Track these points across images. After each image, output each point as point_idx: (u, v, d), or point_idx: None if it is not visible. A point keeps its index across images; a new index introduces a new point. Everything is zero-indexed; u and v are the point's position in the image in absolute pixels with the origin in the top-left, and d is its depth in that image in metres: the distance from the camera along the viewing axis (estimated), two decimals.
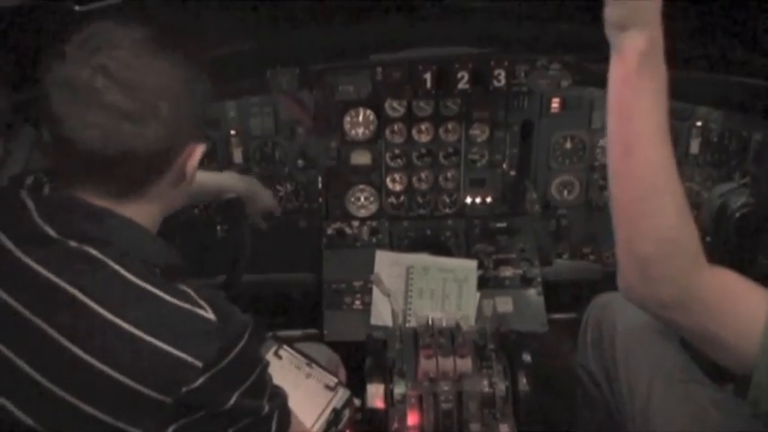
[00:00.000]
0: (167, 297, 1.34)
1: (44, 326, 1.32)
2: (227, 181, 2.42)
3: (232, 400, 1.36)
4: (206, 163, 2.59)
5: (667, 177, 1.31)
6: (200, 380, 1.30)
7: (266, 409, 1.44)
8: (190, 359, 1.30)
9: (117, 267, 1.34)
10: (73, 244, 1.35)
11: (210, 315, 1.34)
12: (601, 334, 2.04)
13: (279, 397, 1.51)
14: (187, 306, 1.34)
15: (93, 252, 1.34)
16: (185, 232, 2.71)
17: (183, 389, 1.30)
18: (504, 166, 2.87)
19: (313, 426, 1.89)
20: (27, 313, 1.32)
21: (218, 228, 2.75)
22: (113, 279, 1.33)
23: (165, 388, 1.29)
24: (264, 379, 1.46)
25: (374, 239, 2.86)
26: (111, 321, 1.30)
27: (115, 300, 1.32)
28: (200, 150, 1.42)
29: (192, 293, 1.36)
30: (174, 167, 1.39)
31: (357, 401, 2.09)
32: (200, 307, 1.34)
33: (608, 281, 2.83)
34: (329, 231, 2.86)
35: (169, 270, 1.40)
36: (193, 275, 1.44)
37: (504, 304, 2.63)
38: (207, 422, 1.35)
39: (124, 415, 1.30)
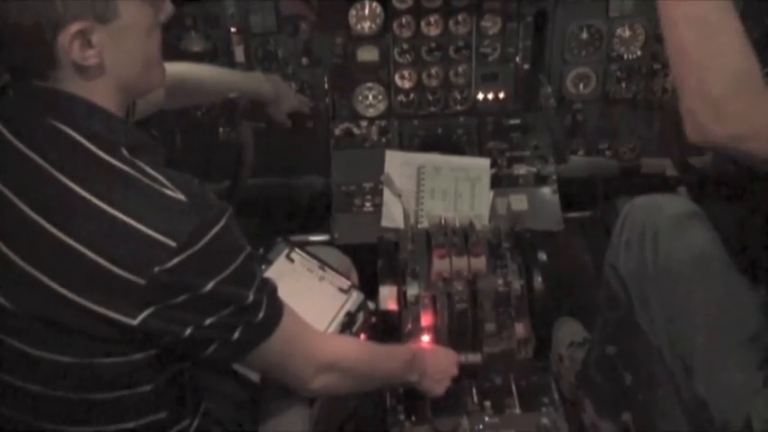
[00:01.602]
0: (135, 173, 1.32)
1: (12, 197, 1.32)
2: (248, 80, 2.41)
3: (209, 286, 1.34)
4: (207, 62, 2.58)
5: (724, 15, 1.42)
6: (174, 260, 1.29)
7: (251, 298, 1.42)
8: (161, 238, 1.28)
9: (82, 140, 1.33)
10: (35, 117, 1.34)
11: (180, 196, 1.32)
12: (641, 233, 2.04)
13: (267, 288, 1.49)
14: (155, 186, 1.32)
15: (58, 124, 1.34)
16: (186, 136, 2.71)
17: (156, 269, 1.28)
18: (517, 59, 2.80)
19: (326, 329, 1.90)
20: None
21: (221, 130, 2.72)
22: (79, 152, 1.32)
23: (136, 268, 1.28)
24: (249, 269, 1.43)
25: (383, 139, 2.82)
26: (79, 194, 1.30)
27: (81, 172, 1.31)
28: (73, 28, 1.30)
29: (161, 175, 1.34)
30: (59, 47, 1.31)
31: (371, 305, 2.09)
32: (169, 188, 1.33)
33: (625, 178, 2.88)
34: (337, 132, 2.82)
35: (137, 150, 1.37)
36: (201, 180, 1.42)
37: (519, 202, 2.61)
38: (185, 308, 1.34)
39: (97, 296, 1.30)
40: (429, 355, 2.04)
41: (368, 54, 2.77)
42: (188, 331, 1.36)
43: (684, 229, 1.99)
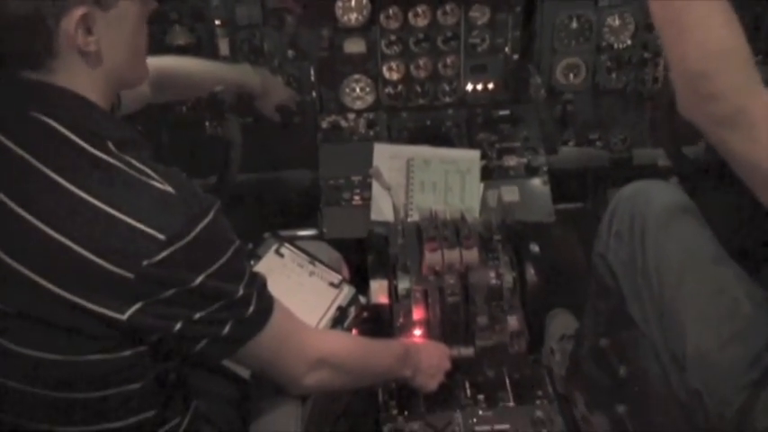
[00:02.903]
0: (122, 167, 1.32)
1: None
2: (236, 73, 2.40)
3: (198, 280, 1.33)
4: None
5: None
6: (163, 254, 1.28)
7: (241, 292, 1.42)
8: (150, 231, 1.28)
9: (68, 134, 1.32)
10: (21, 110, 1.34)
11: (168, 188, 1.32)
12: (630, 224, 2.03)
13: (257, 282, 1.48)
14: (143, 179, 1.32)
15: (43, 118, 1.33)
16: (173, 131, 2.69)
17: (144, 262, 1.27)
18: (507, 49, 2.80)
19: (318, 324, 1.90)
20: None
21: (207, 124, 2.70)
22: (65, 145, 1.32)
23: (124, 261, 1.27)
24: (238, 263, 1.43)
25: (372, 132, 2.81)
26: (65, 188, 1.29)
27: (67, 166, 1.30)
28: (78, 13, 1.31)
29: (148, 169, 1.33)
30: (62, 33, 1.32)
31: (362, 300, 2.09)
32: (157, 180, 1.32)
33: (616, 168, 2.88)
34: (324, 125, 2.82)
35: (123, 144, 1.36)
36: (188, 175, 1.41)
37: (510, 194, 2.61)
38: (174, 303, 1.33)
39: (84, 291, 1.29)
40: (422, 349, 2.04)
41: (355, 46, 2.76)
42: (177, 326, 1.36)
43: (673, 221, 1.98)
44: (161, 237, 1.28)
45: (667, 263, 1.92)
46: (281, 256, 2.04)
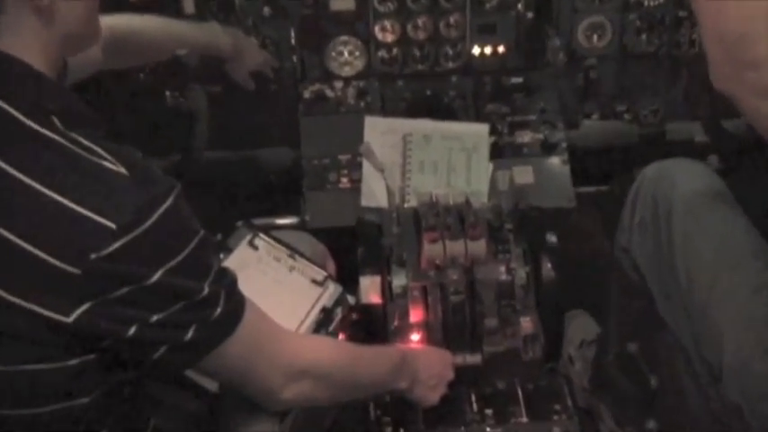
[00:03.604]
0: (68, 145, 1.30)
1: None
2: (203, 34, 2.39)
3: (155, 277, 1.32)
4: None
5: None
6: (114, 245, 1.27)
7: (206, 291, 1.41)
8: (98, 219, 1.27)
9: (6, 107, 1.31)
10: None
11: (122, 169, 1.31)
12: (654, 212, 2.03)
13: (226, 279, 1.48)
14: (93, 159, 1.30)
15: None
16: (128, 103, 2.68)
17: (93, 256, 1.26)
18: (520, 6, 2.80)
19: (298, 328, 1.90)
20: None
21: (168, 95, 2.69)
22: (2, 120, 1.31)
23: (70, 255, 1.26)
24: (203, 256, 1.42)
25: (362, 103, 2.82)
26: (1, 170, 1.27)
27: (4, 144, 1.29)
28: None
29: (98, 147, 1.32)
30: None
31: (351, 299, 2.09)
32: (108, 161, 1.31)
33: (646, 145, 2.88)
34: (307, 95, 2.81)
35: (70, 119, 1.35)
36: (145, 154, 1.41)
37: (523, 175, 2.61)
38: (127, 303, 1.32)
39: (24, 290, 1.28)
40: (421, 357, 2.04)
41: (342, 3, 2.75)
42: (131, 330, 1.34)
43: (703, 208, 1.98)
44: (112, 226, 1.27)
45: (697, 258, 1.92)
46: (256, 248, 2.03)
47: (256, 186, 2.88)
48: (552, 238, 2.27)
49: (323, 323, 1.96)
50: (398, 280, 2.22)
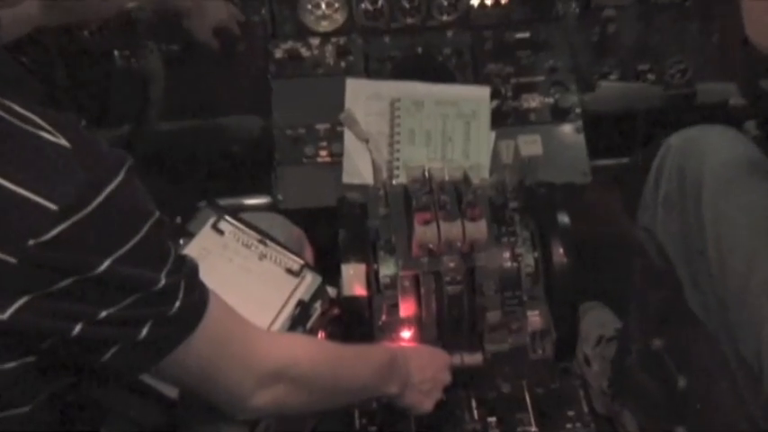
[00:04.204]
0: (1, 113, 1.30)
1: None
2: None
3: (103, 266, 1.31)
4: None
5: None
6: (55, 230, 1.26)
7: (162, 282, 1.40)
8: (37, 199, 1.26)
9: None
10: None
11: (63, 141, 1.30)
12: (681, 186, 2.04)
13: (186, 268, 1.48)
14: (29, 129, 1.30)
15: None
16: (70, 65, 2.67)
17: (31, 242, 1.25)
18: None
19: (271, 325, 1.91)
20: None
21: (117, 54, 2.68)
22: None
23: (4, 242, 1.25)
24: (159, 242, 1.42)
25: (343, 63, 2.82)
26: None
27: None
28: None
29: (35, 116, 1.31)
30: None
31: (331, 291, 2.10)
32: (47, 131, 1.30)
33: (674, 109, 2.88)
34: (278, 55, 2.82)
35: (3, 84, 1.36)
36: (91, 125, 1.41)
37: (530, 146, 2.60)
38: (72, 297, 1.31)
39: None
40: (413, 357, 2.05)
41: None
42: (77, 329, 1.34)
43: (737, 182, 1.98)
44: (52, 207, 1.26)
45: (732, 239, 1.93)
46: (221, 232, 2.04)
47: (221, 161, 2.88)
48: (564, 219, 2.27)
49: (299, 319, 1.97)
50: (386, 268, 2.22)
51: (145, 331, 1.42)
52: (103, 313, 1.36)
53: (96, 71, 2.68)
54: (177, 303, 1.44)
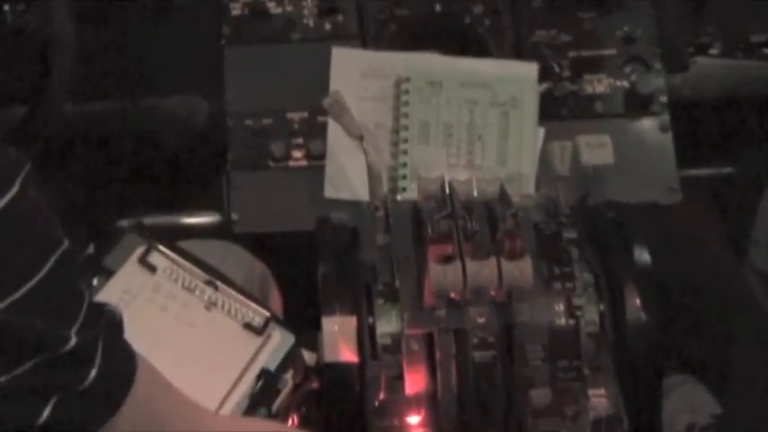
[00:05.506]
0: None
1: None
2: None
3: None
4: None
5: None
6: None
7: (72, 341, 1.40)
8: None
9: None
10: None
11: None
12: None
13: (103, 323, 1.48)
14: None
15: None
16: None
17: None
18: None
19: (221, 406, 1.93)
20: None
21: (8, 9, 2.68)
22: None
23: None
24: (67, 285, 1.43)
25: (327, 25, 2.84)
26: None
27: None
28: None
29: None
30: None
31: (308, 356, 2.11)
32: None
33: None
34: (235, 12, 2.83)
35: None
36: None
37: (596, 150, 2.62)
38: None
39: None
40: None
41: None
42: None
43: None
44: None
45: None
46: (152, 269, 2.05)
47: (152, 161, 2.90)
48: (643, 256, 2.27)
49: (262, 396, 1.99)
50: (386, 324, 2.20)
51: (46, 412, 1.41)
52: (6, 376, 1.36)
53: None
54: (93, 372, 1.44)
